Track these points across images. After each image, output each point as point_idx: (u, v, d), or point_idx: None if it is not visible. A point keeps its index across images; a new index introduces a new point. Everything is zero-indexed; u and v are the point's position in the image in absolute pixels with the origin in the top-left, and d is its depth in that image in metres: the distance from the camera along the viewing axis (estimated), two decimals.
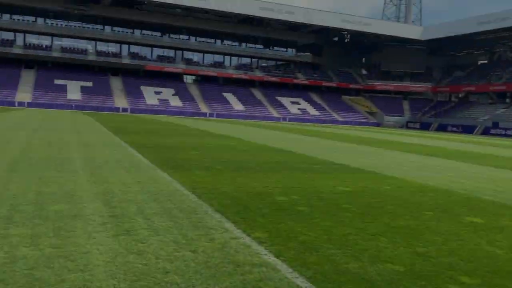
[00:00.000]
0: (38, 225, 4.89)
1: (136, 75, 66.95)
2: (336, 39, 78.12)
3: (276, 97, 70.54)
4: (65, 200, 6.11)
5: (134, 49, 69.09)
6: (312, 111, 68.43)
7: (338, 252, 4.60)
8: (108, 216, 5.43)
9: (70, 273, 3.64)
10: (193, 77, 73.02)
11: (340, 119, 67.57)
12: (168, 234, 4.86)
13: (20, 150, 11.23)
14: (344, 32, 73.74)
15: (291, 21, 65.88)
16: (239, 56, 76.29)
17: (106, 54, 66.11)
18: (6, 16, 61.28)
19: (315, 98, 73.92)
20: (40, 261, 3.84)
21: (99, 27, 66.22)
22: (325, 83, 75.42)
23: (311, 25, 67.62)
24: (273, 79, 73.04)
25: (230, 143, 17.36)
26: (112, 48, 68.05)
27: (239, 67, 74.73)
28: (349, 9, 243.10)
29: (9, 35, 62.19)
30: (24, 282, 3.41)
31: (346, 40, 78.23)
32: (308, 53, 79.19)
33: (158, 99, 61.21)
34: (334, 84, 75.47)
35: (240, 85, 72.19)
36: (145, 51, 69.63)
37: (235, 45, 74.94)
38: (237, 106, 65.01)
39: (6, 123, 20.57)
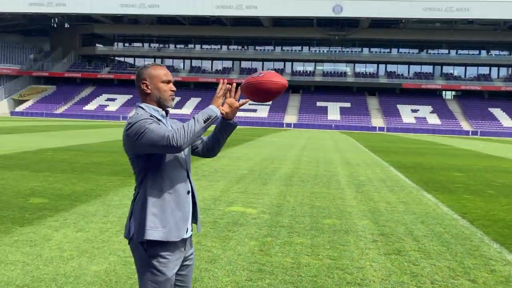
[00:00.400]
0: (315, 236, 5.36)
1: (392, 94, 66.73)
2: None
3: None
4: (336, 215, 6.53)
5: (391, 68, 69.18)
6: None
7: None
8: (377, 234, 5.56)
9: (348, 285, 3.86)
10: (453, 93, 68.32)
11: None
12: (442, 259, 4.65)
13: (293, 166, 12.54)
14: None
15: None
16: (508, 66, 67.86)
17: (364, 75, 68.10)
18: (278, 49, 69.81)
19: None
20: (321, 270, 4.19)
21: (357, 49, 68.83)
22: None
23: None
24: None
25: (502, 165, 15.52)
26: (370, 68, 69.71)
27: (509, 78, 66.35)
28: None
29: (280, 65, 70.62)
30: None
31: None
32: None
33: (414, 117, 59.50)
34: None
35: (510, 99, 63.98)
36: (401, 69, 68.89)
37: (504, 55, 66.97)
38: (508, 122, 57.72)
39: (278, 143, 23.29)
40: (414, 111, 61.35)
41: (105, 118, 59.50)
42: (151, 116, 2.22)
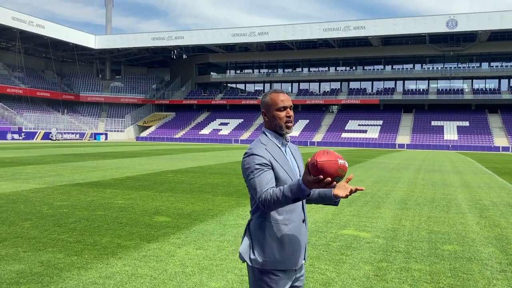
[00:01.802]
0: (434, 263, 5.08)
1: None
2: None
3: None
4: (457, 241, 6.13)
5: None
6: None
7: None
8: (506, 263, 5.11)
9: None
10: None
11: None
12: None
13: (407, 189, 12.02)
14: None
15: None
16: None
17: (484, 91, 63.28)
18: (388, 68, 67.93)
19: None
20: None
21: (475, 65, 64.37)
22: None
23: None
24: None
25: None
26: (490, 84, 64.66)
27: None
28: None
29: (390, 84, 68.56)
30: None
31: None
32: None
33: None
34: None
35: None
36: None
37: None
38: None
39: (391, 165, 22.47)
40: None
41: (219, 141, 62.40)
42: (266, 148, 2.28)
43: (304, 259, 2.38)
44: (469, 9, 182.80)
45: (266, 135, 2.39)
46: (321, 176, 1.97)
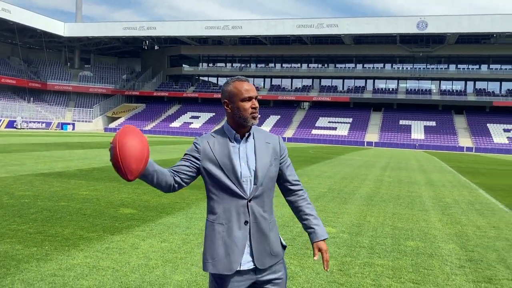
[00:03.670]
0: (397, 258, 5.17)
1: (482, 112, 62.88)
2: None
3: None
4: (419, 238, 6.26)
5: (480, 85, 65.37)
6: None
7: None
8: (465, 259, 5.24)
9: None
10: None
11: None
12: None
13: (374, 186, 12.21)
14: None
15: None
16: None
17: (450, 92, 64.93)
18: (359, 66, 68.81)
19: None
20: None
21: (443, 66, 65.94)
22: None
23: None
24: None
25: None
26: (457, 86, 66.38)
27: None
28: None
29: (361, 83, 69.49)
30: None
31: None
32: None
33: (507, 138, 55.51)
34: None
35: None
36: (492, 87, 64.81)
37: None
38: None
39: (359, 162, 22.80)
40: (506, 130, 57.35)
41: (190, 134, 61.94)
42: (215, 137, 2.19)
43: (255, 265, 2.11)
44: (440, 11, 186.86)
45: (223, 128, 2.22)
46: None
